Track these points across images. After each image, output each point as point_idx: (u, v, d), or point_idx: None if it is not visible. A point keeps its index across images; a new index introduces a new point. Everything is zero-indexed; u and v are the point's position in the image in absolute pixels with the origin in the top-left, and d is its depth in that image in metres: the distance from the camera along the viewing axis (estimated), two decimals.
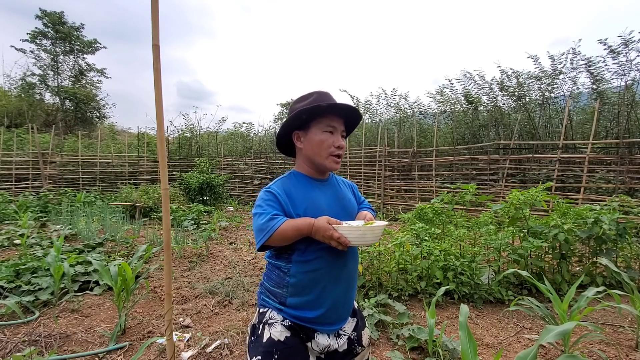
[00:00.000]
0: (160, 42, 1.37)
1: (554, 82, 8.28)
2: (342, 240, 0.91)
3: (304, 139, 1.12)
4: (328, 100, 1.10)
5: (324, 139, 1.08)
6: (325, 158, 1.10)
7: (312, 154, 1.11)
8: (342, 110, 1.11)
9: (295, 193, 1.08)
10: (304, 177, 1.14)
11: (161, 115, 1.42)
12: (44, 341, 2.23)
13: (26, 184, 9.66)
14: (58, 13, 17.56)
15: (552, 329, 1.32)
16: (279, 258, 1.08)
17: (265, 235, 0.97)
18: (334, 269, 1.05)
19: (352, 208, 1.19)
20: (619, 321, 2.64)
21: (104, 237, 4.74)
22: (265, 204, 1.04)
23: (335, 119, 1.10)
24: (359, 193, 1.33)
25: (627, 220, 3.20)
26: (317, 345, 1.04)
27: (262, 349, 1.00)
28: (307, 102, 1.10)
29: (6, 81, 17.80)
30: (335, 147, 1.09)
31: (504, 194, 6.66)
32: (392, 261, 3.19)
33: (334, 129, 1.10)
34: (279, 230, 0.96)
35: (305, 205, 1.06)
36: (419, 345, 2.19)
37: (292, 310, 1.04)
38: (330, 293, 1.04)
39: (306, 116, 1.09)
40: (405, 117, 11.39)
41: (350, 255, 1.10)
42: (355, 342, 1.13)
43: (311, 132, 1.10)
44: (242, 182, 11.49)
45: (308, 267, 1.03)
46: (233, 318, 2.65)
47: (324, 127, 1.09)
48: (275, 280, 1.08)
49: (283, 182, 1.12)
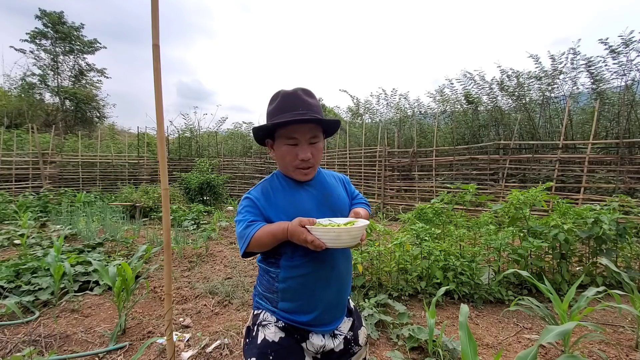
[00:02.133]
0: (159, 42, 1.37)
1: (554, 82, 8.29)
2: (317, 243, 0.85)
3: (274, 148, 1.07)
4: (292, 104, 1.00)
5: (287, 151, 1.02)
6: (292, 171, 1.05)
7: (281, 165, 1.08)
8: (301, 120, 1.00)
9: (276, 196, 1.04)
10: (286, 179, 1.09)
11: (161, 115, 1.42)
12: (44, 341, 2.23)
13: (26, 184, 9.67)
14: (58, 13, 17.56)
15: (552, 329, 1.32)
16: (268, 263, 1.06)
17: (244, 243, 0.95)
18: (324, 272, 1.03)
19: (341, 205, 1.13)
20: (619, 321, 2.64)
21: (104, 237, 4.74)
22: (245, 211, 1.02)
23: (297, 129, 1.00)
24: (351, 187, 1.26)
25: (627, 220, 3.20)
26: (312, 346, 1.03)
27: (256, 350, 1.00)
28: (272, 110, 1.03)
29: (6, 81, 17.83)
30: (299, 160, 1.02)
31: (504, 194, 6.66)
32: (392, 261, 3.18)
33: (297, 140, 1.01)
34: (255, 238, 0.94)
35: (288, 208, 1.02)
36: (419, 345, 2.19)
37: (284, 314, 1.03)
38: (321, 296, 1.03)
39: (262, 133, 1.05)
40: (405, 117, 11.40)
41: (340, 256, 1.07)
42: (352, 342, 1.12)
43: (277, 143, 1.05)
44: (242, 182, 11.49)
45: (296, 272, 1.01)
46: (233, 318, 2.65)
47: (285, 140, 1.02)
48: (266, 285, 1.07)
49: (264, 186, 1.08)
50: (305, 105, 1.00)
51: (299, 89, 1.03)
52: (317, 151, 1.04)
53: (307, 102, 1.01)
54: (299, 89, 1.03)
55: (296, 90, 1.03)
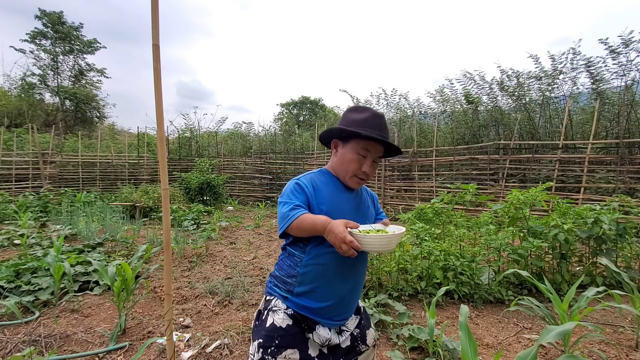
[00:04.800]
0: (159, 42, 1.37)
1: (554, 82, 8.29)
2: (355, 244, 0.90)
3: (340, 150, 1.16)
4: (379, 125, 1.11)
5: (354, 160, 1.11)
6: (349, 177, 1.14)
7: (339, 167, 1.16)
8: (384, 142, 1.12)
9: (322, 190, 1.11)
10: (334, 178, 1.18)
11: (161, 115, 1.42)
12: (44, 341, 2.23)
13: (26, 184, 9.66)
14: (57, 13, 17.58)
15: (552, 329, 1.32)
16: (295, 246, 1.12)
17: (286, 223, 1.01)
18: (343, 267, 1.09)
19: (370, 217, 1.24)
20: (619, 321, 2.64)
21: (104, 237, 4.74)
22: (292, 194, 1.07)
23: (375, 146, 1.12)
24: (378, 205, 1.36)
25: (627, 220, 3.20)
26: (318, 337, 1.07)
27: (264, 332, 1.06)
28: (359, 119, 1.11)
29: (6, 81, 17.84)
30: (362, 171, 1.12)
31: (504, 194, 6.65)
32: (392, 261, 3.19)
33: (368, 154, 1.12)
34: (298, 220, 0.99)
35: (330, 205, 1.09)
36: (419, 345, 2.19)
37: (297, 299, 1.08)
38: (336, 289, 1.08)
39: (346, 134, 1.14)
40: (405, 117, 11.40)
41: (360, 257, 1.11)
42: (359, 340, 1.16)
43: (347, 148, 1.13)
44: (242, 182, 11.49)
45: (319, 260, 1.07)
46: (233, 318, 2.65)
47: (359, 150, 1.11)
48: (287, 270, 1.12)
49: (312, 177, 1.15)
50: (386, 131, 1.13)
51: (382, 114, 1.17)
52: (374, 169, 1.16)
53: (387, 128, 1.15)
54: (382, 114, 1.17)
55: (382, 114, 1.17)
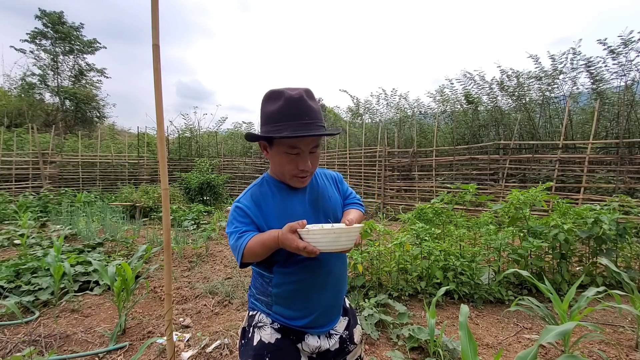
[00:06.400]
0: (159, 42, 1.37)
1: (554, 82, 8.29)
2: (310, 249, 0.82)
3: (269, 152, 1.01)
4: (298, 111, 0.92)
5: (286, 161, 0.97)
6: (289, 179, 1.01)
7: (277, 170, 1.03)
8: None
9: (266, 203, 1.00)
10: (277, 183, 1.04)
11: (161, 115, 1.42)
12: (44, 341, 2.23)
13: (26, 184, 9.66)
14: (57, 13, 17.56)
15: (552, 329, 1.32)
16: (261, 267, 1.04)
17: (238, 255, 0.92)
18: (319, 278, 1.01)
19: (333, 206, 1.10)
20: (619, 321, 2.64)
21: (104, 237, 4.74)
22: (235, 221, 0.97)
23: (302, 140, 0.94)
24: (344, 185, 1.21)
25: (627, 220, 3.20)
26: (307, 347, 1.03)
27: (252, 352, 1.00)
28: (273, 111, 0.94)
29: (6, 81, 17.82)
30: (300, 170, 0.97)
31: (504, 194, 6.66)
32: (392, 261, 3.18)
33: (299, 150, 0.95)
34: (247, 248, 0.90)
35: (280, 217, 0.97)
36: (419, 345, 2.19)
37: (279, 317, 1.03)
38: (317, 301, 1.02)
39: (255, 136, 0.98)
40: (405, 117, 11.40)
41: (335, 260, 1.05)
42: (348, 341, 1.12)
43: (274, 150, 0.98)
44: (242, 182, 11.50)
45: (290, 279, 0.99)
46: (233, 318, 2.65)
47: (286, 150, 0.95)
48: (260, 288, 1.06)
49: (253, 192, 1.03)
50: (311, 114, 0.93)
51: (303, 92, 0.94)
52: (315, 159, 1.01)
53: (312, 110, 0.94)
54: (304, 92, 0.95)
55: (301, 94, 0.94)
